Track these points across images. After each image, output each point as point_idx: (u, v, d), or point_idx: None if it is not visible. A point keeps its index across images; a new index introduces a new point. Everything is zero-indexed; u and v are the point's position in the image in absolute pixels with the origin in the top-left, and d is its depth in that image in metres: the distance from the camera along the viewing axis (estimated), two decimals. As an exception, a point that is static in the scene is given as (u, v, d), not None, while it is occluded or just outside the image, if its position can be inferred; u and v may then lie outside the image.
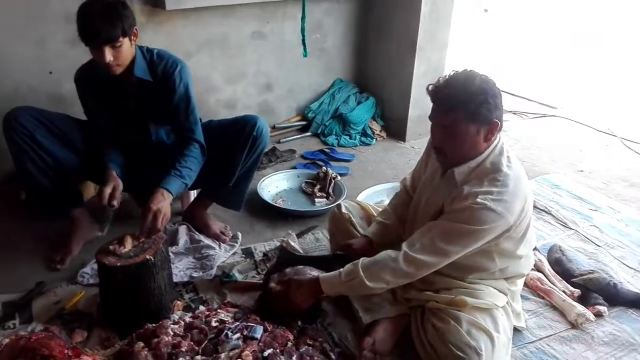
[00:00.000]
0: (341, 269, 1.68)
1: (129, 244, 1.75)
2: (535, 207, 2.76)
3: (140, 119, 2.18)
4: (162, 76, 2.10)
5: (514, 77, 5.40)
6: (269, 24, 3.45)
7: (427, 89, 1.62)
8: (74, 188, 2.24)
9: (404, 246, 1.63)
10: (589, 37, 7.42)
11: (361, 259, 1.68)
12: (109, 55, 1.87)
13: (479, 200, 1.54)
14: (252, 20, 3.38)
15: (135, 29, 1.97)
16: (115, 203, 1.92)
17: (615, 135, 4.05)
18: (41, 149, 2.00)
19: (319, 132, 3.75)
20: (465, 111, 1.52)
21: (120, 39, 1.88)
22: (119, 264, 1.68)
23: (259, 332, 1.53)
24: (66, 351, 1.48)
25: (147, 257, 1.72)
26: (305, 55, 3.51)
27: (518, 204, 1.60)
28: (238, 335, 1.51)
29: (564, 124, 4.34)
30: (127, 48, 1.94)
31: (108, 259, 1.70)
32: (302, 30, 3.42)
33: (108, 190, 1.92)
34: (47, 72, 2.73)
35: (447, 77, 1.59)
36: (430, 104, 1.63)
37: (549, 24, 8.31)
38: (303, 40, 3.45)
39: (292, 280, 1.75)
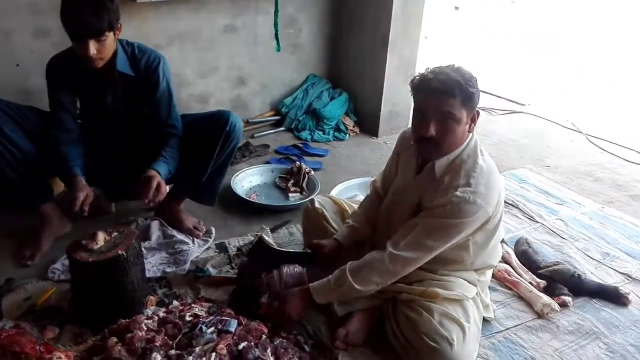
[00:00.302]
0: (330, 276, 1.71)
1: (100, 239, 1.73)
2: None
3: (117, 113, 2.16)
4: (145, 71, 2.10)
5: (484, 73, 5.49)
6: (241, 17, 3.43)
7: (412, 81, 1.64)
8: (43, 183, 2.19)
9: (389, 246, 1.66)
10: (557, 34, 7.61)
11: (348, 263, 1.70)
12: (93, 48, 1.85)
13: (458, 193, 1.58)
14: (224, 14, 3.36)
15: (120, 24, 1.95)
16: (86, 209, 1.90)
17: (580, 132, 4.18)
18: (9, 142, 1.96)
19: (292, 127, 3.76)
20: (461, 96, 1.55)
21: (106, 33, 1.87)
22: (90, 259, 1.66)
23: (233, 325, 1.53)
24: (38, 347, 1.47)
25: (119, 252, 1.70)
26: (278, 50, 3.52)
27: (494, 195, 1.65)
28: (212, 329, 1.51)
29: (532, 120, 4.45)
30: (110, 42, 1.93)
31: (80, 255, 1.67)
32: (275, 24, 3.43)
33: (81, 197, 1.89)
34: (14, 64, 2.67)
35: (431, 69, 1.61)
36: (402, 99, 1.66)
37: (518, 22, 8.49)
38: (276, 34, 3.46)
39: (285, 296, 1.76)
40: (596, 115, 4.58)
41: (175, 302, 1.84)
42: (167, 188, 2.52)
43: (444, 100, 1.55)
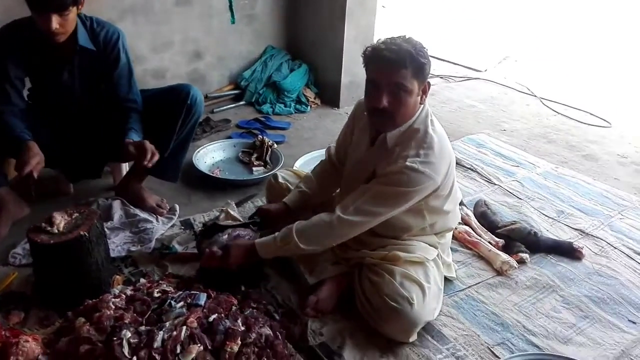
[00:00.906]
0: (276, 233, 1.74)
1: (60, 220, 1.69)
2: (461, 165, 2.92)
3: (73, 89, 2.11)
4: (104, 45, 2.06)
5: (441, 41, 5.55)
6: (195, -11, 3.35)
7: (365, 51, 1.64)
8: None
9: (338, 210, 1.69)
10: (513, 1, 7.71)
11: (295, 223, 1.72)
12: (55, 23, 1.81)
13: (408, 163, 1.62)
14: (177, -15, 3.27)
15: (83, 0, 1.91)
16: (36, 174, 1.83)
17: (535, 96, 4.30)
18: None
19: (253, 100, 3.72)
20: (413, 67, 1.57)
21: (70, 7, 1.83)
22: (52, 241, 1.63)
23: (202, 299, 1.54)
24: (3, 332, 1.44)
25: (81, 232, 1.68)
26: (233, 22, 3.46)
27: (444, 165, 1.69)
28: (182, 303, 1.51)
29: (488, 86, 4.54)
30: (73, 17, 1.89)
31: (40, 237, 1.64)
32: (229, -5, 3.34)
33: (34, 162, 1.83)
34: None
35: (382, 40, 1.62)
36: (362, 70, 1.67)
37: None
38: (230, 6, 3.39)
39: (231, 245, 1.79)
40: (550, 79, 4.71)
41: (142, 280, 1.83)
42: (126, 167, 2.50)
43: (396, 71, 1.57)
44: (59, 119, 2.14)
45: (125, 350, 1.38)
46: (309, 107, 3.73)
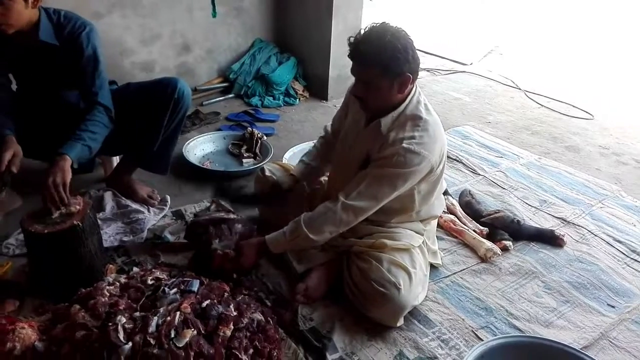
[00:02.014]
0: (285, 228, 1.78)
1: (55, 211, 1.72)
2: (447, 156, 2.96)
3: (46, 84, 2.09)
4: (69, 38, 2.00)
5: (428, 35, 5.61)
6: (183, -18, 3.36)
7: (348, 41, 1.69)
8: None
9: (341, 196, 1.74)
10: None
11: (302, 215, 1.77)
12: None
13: (404, 145, 1.68)
14: (165, -22, 3.28)
15: None
16: (14, 169, 1.82)
17: (519, 88, 4.38)
18: None
19: (242, 93, 3.75)
20: (378, 67, 1.62)
21: None
22: (46, 230, 1.66)
23: (195, 285, 1.57)
24: (-1, 320, 1.47)
25: (75, 222, 1.70)
26: (214, 16, 3.46)
27: (438, 146, 1.75)
28: (175, 290, 1.54)
29: (474, 79, 4.61)
30: (20, 9, 1.83)
31: (34, 227, 1.66)
32: (210, -13, 3.34)
33: (7, 156, 1.81)
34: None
35: (362, 31, 1.67)
36: (350, 63, 1.72)
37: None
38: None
39: (241, 246, 1.83)
40: (534, 72, 4.79)
41: (135, 269, 1.86)
42: (116, 159, 2.51)
43: (363, 70, 1.66)
44: (40, 112, 2.12)
45: (121, 335, 1.41)
46: (297, 99, 3.76)
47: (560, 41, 5.87)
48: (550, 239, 2.29)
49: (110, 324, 1.42)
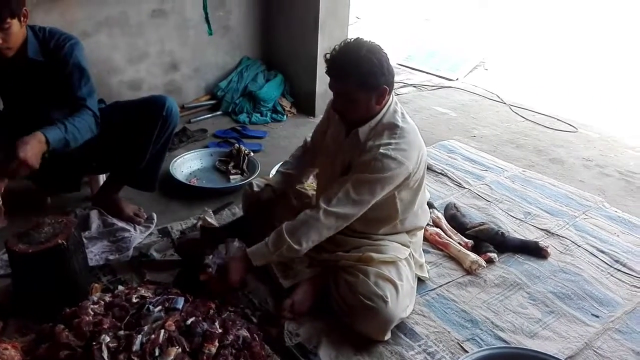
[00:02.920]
0: (267, 239, 1.76)
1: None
2: (433, 170, 3.01)
3: (34, 101, 2.09)
4: (54, 52, 2.01)
5: (413, 51, 5.69)
6: (169, 2, 3.40)
7: (324, 57, 1.74)
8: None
9: (322, 203, 1.75)
10: (487, 11, 7.92)
11: (283, 224, 1.75)
12: None
13: (381, 151, 1.71)
14: (151, -2, 3.32)
15: (26, 9, 1.88)
16: None
17: (504, 103, 4.44)
18: None
19: (229, 110, 3.77)
20: (355, 81, 1.66)
21: (8, 20, 1.79)
22: (30, 250, 1.65)
23: (180, 303, 1.58)
24: (-19, 341, 1.46)
25: (59, 241, 1.70)
26: (210, 34, 3.52)
27: (415, 153, 1.78)
28: (160, 307, 1.55)
29: (460, 94, 4.67)
30: (16, 30, 1.86)
31: (18, 247, 1.66)
32: (205, 7, 3.42)
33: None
34: None
35: (338, 47, 1.70)
36: (332, 77, 1.76)
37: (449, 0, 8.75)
38: (207, 18, 3.46)
39: (225, 264, 1.81)
40: (519, 87, 4.87)
41: (120, 287, 1.85)
42: (103, 177, 2.52)
43: (339, 84, 1.70)
44: (27, 128, 2.12)
45: (105, 354, 1.41)
46: (285, 116, 3.79)
47: (544, 56, 5.97)
48: (534, 251, 2.31)
49: (94, 343, 1.43)
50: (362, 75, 1.64)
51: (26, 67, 1.99)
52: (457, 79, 5.04)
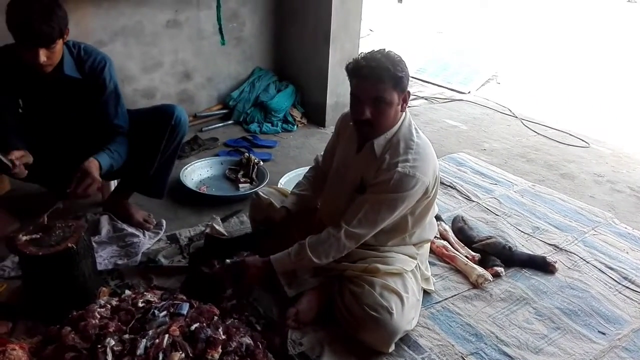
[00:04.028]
0: (290, 249, 1.82)
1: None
2: (442, 183, 3.00)
3: (62, 114, 2.14)
4: (90, 73, 2.08)
5: (426, 64, 5.71)
6: (184, 13, 3.46)
7: (347, 67, 1.75)
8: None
9: (343, 224, 1.78)
10: (500, 25, 7.93)
11: (307, 239, 1.81)
12: (43, 56, 1.84)
13: (399, 169, 1.72)
14: (166, 9, 3.38)
15: (67, 28, 1.93)
16: (17, 163, 1.88)
17: (515, 117, 4.43)
18: None
19: (241, 120, 3.81)
20: (391, 80, 1.67)
21: (57, 40, 1.85)
22: (40, 252, 1.68)
23: (185, 308, 1.59)
24: (-10, 341, 1.48)
25: (69, 245, 1.73)
26: (223, 44, 3.57)
27: (431, 168, 1.79)
28: (165, 312, 1.56)
29: (471, 107, 4.68)
30: (60, 48, 1.92)
31: (29, 249, 1.69)
32: (218, 19, 3.48)
33: (19, 153, 1.89)
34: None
35: (363, 55, 1.72)
36: (346, 90, 1.77)
37: (462, 13, 8.78)
38: (220, 29, 3.51)
39: (247, 263, 1.85)
40: (531, 101, 4.86)
41: (127, 292, 1.87)
42: (114, 183, 2.55)
43: (375, 85, 1.68)
44: (49, 140, 2.17)
45: (109, 357, 1.42)
46: (295, 126, 3.82)
47: (557, 70, 5.96)
48: (542, 266, 2.30)
49: (99, 346, 1.44)
50: (397, 74, 1.66)
51: (59, 82, 2.04)
52: (469, 92, 5.05)
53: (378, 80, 1.67)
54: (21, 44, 1.84)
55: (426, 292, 2.07)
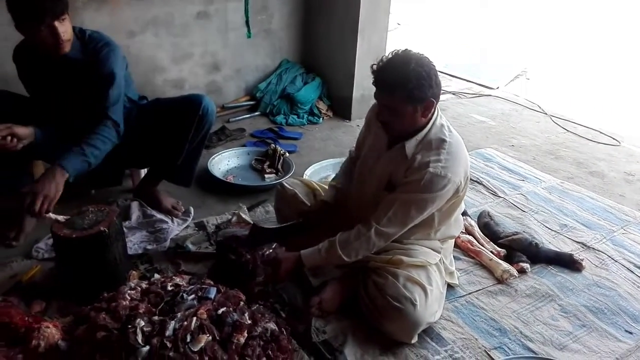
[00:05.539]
0: (320, 246, 1.84)
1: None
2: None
3: (77, 99, 2.16)
4: (91, 56, 2.09)
5: (454, 58, 5.65)
6: (214, 4, 3.49)
7: (371, 68, 1.74)
8: (24, 166, 2.24)
9: (373, 222, 1.78)
10: (529, 20, 7.79)
11: (337, 236, 1.82)
12: (61, 29, 1.88)
13: (431, 169, 1.70)
14: (196, 1, 3.42)
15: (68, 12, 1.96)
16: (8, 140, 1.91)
17: (545, 113, 4.36)
18: None
19: (267, 111, 3.84)
20: (402, 94, 1.65)
21: (65, 11, 1.89)
22: (74, 235, 1.74)
23: (212, 292, 1.62)
24: (27, 319, 1.54)
25: (102, 228, 1.78)
26: (249, 36, 3.60)
27: (462, 168, 1.78)
28: (193, 296, 1.60)
29: (500, 103, 4.61)
30: (69, 24, 1.95)
31: (63, 232, 1.75)
32: (246, 11, 3.51)
33: (4, 127, 1.91)
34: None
35: (386, 58, 1.70)
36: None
37: (491, 7, 8.65)
38: (247, 21, 3.54)
39: (279, 257, 1.89)
40: (561, 98, 4.77)
41: (156, 275, 1.92)
42: (144, 171, 2.61)
43: (387, 97, 1.69)
44: (72, 126, 2.17)
45: (139, 337, 1.46)
46: (321, 118, 3.84)
47: (588, 67, 5.83)
48: (568, 263, 2.27)
49: (129, 326, 1.48)
50: (410, 88, 1.63)
51: (63, 64, 2.07)
52: (498, 88, 4.98)
53: (389, 95, 1.67)
54: (34, 25, 1.86)
55: (450, 286, 2.07)
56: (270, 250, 1.96)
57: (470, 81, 5.16)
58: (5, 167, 2.11)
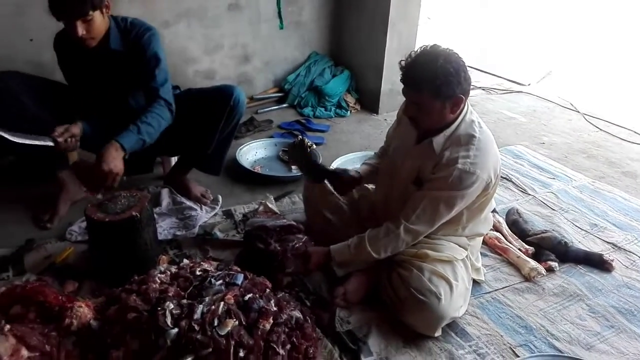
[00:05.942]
0: (349, 242, 1.86)
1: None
2: (497, 174, 2.95)
3: (117, 88, 2.22)
4: (133, 43, 2.12)
5: (484, 54, 5.57)
6: (245, -4, 3.52)
7: (399, 64, 1.73)
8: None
9: (402, 219, 1.78)
10: (561, 15, 7.61)
11: (366, 232, 1.84)
12: (81, 29, 1.91)
13: (459, 166, 1.69)
14: (228, -8, 3.45)
15: (108, 1, 1.99)
16: (61, 140, 1.96)
17: (578, 111, 4.26)
18: (34, 116, 2.04)
19: (295, 103, 3.86)
20: (429, 91, 1.63)
21: (91, 12, 1.90)
22: (107, 219, 1.79)
23: (240, 279, 1.66)
24: (60, 298, 1.59)
25: (134, 213, 1.83)
26: (281, 28, 3.61)
27: (492, 164, 1.76)
28: (221, 281, 1.63)
29: (531, 100, 4.53)
30: (99, 21, 1.97)
31: (97, 215, 1.80)
32: (278, 2, 3.52)
33: (60, 129, 1.96)
34: (28, 39, 2.76)
35: (414, 54, 1.69)
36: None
37: (521, 4, 8.47)
38: (279, 12, 3.55)
39: (309, 251, 1.93)
40: (594, 96, 4.65)
41: (185, 261, 1.96)
42: (174, 159, 2.66)
43: (413, 93, 1.69)
44: (109, 113, 2.25)
45: (168, 320, 1.50)
46: (348, 111, 3.84)
47: (623, 65, 5.67)
48: (598, 263, 2.23)
49: (159, 308, 1.52)
50: (437, 85, 1.61)
51: (107, 57, 2.11)
52: (529, 84, 4.89)
53: (417, 92, 1.67)
54: (58, 19, 1.91)
55: (476, 282, 2.06)
56: (300, 244, 2.00)
57: (500, 77, 5.08)
58: (42, 154, 2.17)
